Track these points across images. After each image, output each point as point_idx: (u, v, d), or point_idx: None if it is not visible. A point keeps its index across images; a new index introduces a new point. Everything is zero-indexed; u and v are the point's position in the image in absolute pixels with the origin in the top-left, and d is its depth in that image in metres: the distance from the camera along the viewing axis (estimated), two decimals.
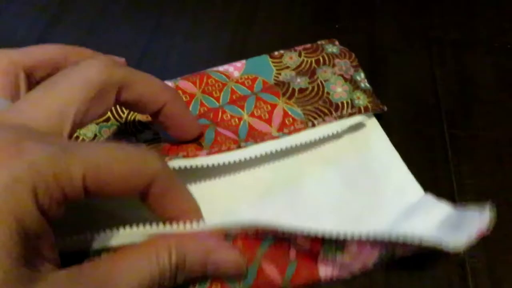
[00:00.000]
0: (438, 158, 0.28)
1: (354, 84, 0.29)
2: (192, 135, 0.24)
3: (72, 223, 0.18)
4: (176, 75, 0.29)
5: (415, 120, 0.30)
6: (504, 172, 0.27)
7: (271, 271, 0.21)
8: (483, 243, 0.21)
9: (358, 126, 0.28)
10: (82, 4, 0.38)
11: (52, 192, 0.15)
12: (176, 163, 0.23)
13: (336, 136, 0.27)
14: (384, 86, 0.31)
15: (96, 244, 0.18)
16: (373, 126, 0.28)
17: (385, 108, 0.28)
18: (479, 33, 0.35)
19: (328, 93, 0.28)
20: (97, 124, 0.27)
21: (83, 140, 0.26)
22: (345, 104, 0.27)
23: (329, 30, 0.34)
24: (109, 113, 0.27)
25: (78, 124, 0.18)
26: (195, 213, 0.20)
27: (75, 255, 0.18)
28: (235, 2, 0.37)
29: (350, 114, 0.27)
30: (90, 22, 0.36)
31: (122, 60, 0.26)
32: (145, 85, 0.21)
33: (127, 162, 0.17)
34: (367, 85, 0.29)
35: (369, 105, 0.28)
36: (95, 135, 0.26)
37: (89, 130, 0.26)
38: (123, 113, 0.27)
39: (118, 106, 0.27)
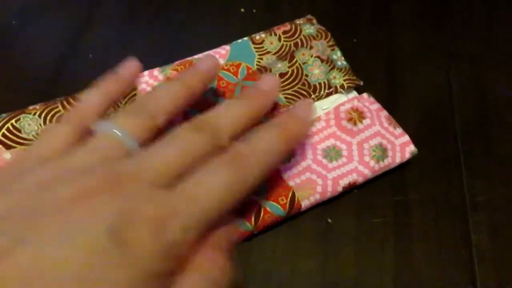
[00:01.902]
0: (452, 172, 0.29)
1: (330, 64, 0.31)
2: None
3: None
4: None
5: (430, 133, 0.31)
6: None
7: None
8: (493, 265, 0.23)
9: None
10: (110, 14, 0.38)
11: None
12: None
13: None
14: (401, 98, 0.32)
15: None
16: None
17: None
18: (497, 47, 0.36)
19: (306, 75, 0.30)
20: None
21: None
22: (322, 85, 0.30)
23: (348, 43, 0.35)
24: None
25: None
26: None
27: None
28: (257, 14, 0.38)
29: (328, 94, 0.30)
30: (119, 30, 0.37)
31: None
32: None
33: None
34: (344, 62, 0.31)
35: (345, 83, 0.30)
36: None
37: None
38: (120, 103, 0.29)
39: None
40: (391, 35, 0.36)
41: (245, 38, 0.32)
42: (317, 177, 0.27)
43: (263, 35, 0.32)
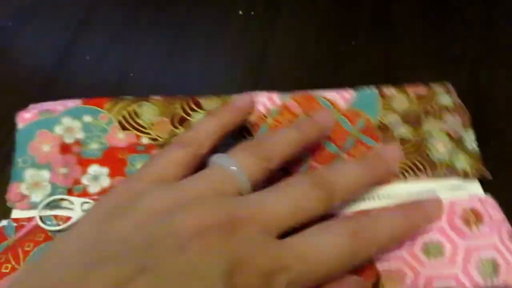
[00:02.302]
0: None
1: (459, 144, 0.28)
2: None
3: None
4: (195, 87, 0.32)
5: None
6: None
7: None
8: None
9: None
10: (107, 15, 0.39)
11: None
12: None
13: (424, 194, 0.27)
14: None
15: None
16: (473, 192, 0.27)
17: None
18: (496, 48, 0.35)
19: (429, 149, 0.28)
20: None
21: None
22: (444, 164, 0.27)
23: (346, 46, 0.36)
24: None
25: None
26: None
27: None
28: (256, 16, 0.38)
29: (447, 176, 0.27)
30: (117, 31, 0.37)
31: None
32: None
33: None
34: (475, 147, 0.28)
35: (470, 170, 0.27)
36: None
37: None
38: None
39: None
40: (390, 36, 0.36)
41: (374, 88, 0.30)
42: (409, 269, 0.24)
43: (394, 91, 0.30)
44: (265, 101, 0.30)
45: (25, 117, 0.28)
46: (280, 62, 0.35)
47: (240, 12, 0.38)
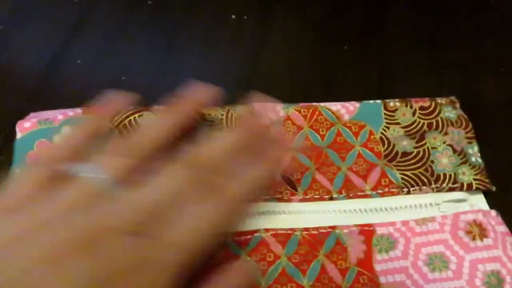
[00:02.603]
0: None
1: (463, 157, 0.28)
2: None
3: None
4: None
5: None
6: None
7: (332, 270, 0.24)
8: None
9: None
10: (100, 20, 0.38)
11: None
12: (271, 207, 0.26)
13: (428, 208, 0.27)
14: None
15: None
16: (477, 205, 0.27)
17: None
18: (486, 56, 0.36)
19: (432, 161, 0.28)
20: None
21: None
22: (447, 177, 0.27)
23: (338, 50, 0.36)
24: (223, 122, 0.29)
25: None
26: None
27: None
28: (249, 21, 0.38)
29: (450, 189, 0.27)
30: (109, 36, 0.37)
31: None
32: None
33: None
34: (479, 159, 0.28)
35: (474, 183, 0.27)
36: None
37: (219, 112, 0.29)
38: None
39: (234, 118, 0.29)
40: (381, 45, 0.37)
41: (378, 101, 0.30)
42: (412, 284, 0.24)
43: (397, 103, 0.30)
44: (269, 112, 0.30)
45: (24, 127, 0.28)
46: (273, 66, 0.35)
47: (233, 17, 0.39)
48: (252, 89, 0.34)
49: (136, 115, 0.28)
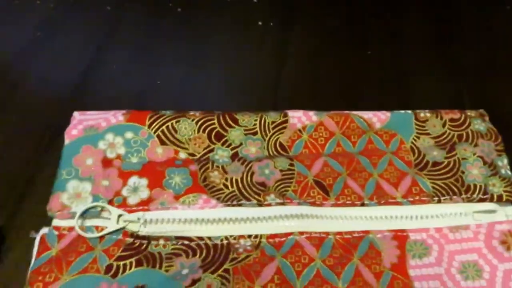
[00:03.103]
0: None
1: (493, 169, 0.28)
2: None
3: None
4: (216, 99, 0.35)
5: None
6: None
7: (367, 274, 0.24)
8: None
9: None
10: (131, 28, 0.40)
11: None
12: (304, 210, 0.26)
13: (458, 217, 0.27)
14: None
15: None
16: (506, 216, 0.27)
17: None
18: (502, 59, 0.38)
19: (462, 172, 0.28)
20: (245, 134, 0.30)
21: (229, 145, 0.29)
22: (478, 188, 0.28)
23: (359, 56, 0.39)
24: (257, 127, 0.30)
25: None
26: None
27: None
28: (272, 29, 0.40)
29: (481, 200, 0.27)
30: (141, 42, 0.39)
31: None
32: None
33: None
34: (508, 172, 0.28)
35: (504, 194, 0.27)
36: (241, 144, 0.29)
37: (237, 138, 0.30)
38: (269, 131, 0.30)
39: (267, 123, 0.30)
40: (399, 50, 0.39)
41: (409, 111, 0.31)
42: None
43: (428, 114, 0.31)
44: (300, 116, 0.30)
45: (72, 134, 0.28)
46: (298, 73, 0.37)
47: (260, 23, 0.40)
48: (278, 96, 0.36)
49: (174, 121, 0.29)
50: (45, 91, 0.35)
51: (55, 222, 0.25)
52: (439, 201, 0.27)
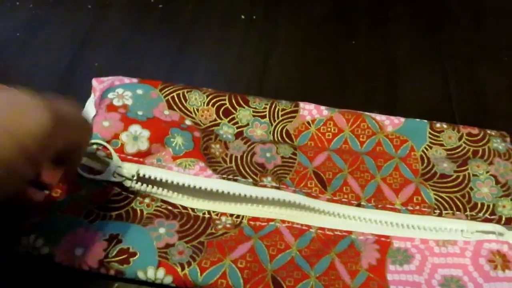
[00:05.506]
0: None
1: (506, 190, 0.26)
2: None
3: None
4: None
5: None
6: None
7: (342, 270, 0.24)
8: None
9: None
10: (113, 24, 0.39)
11: None
12: (298, 199, 0.26)
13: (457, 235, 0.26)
14: (400, 98, 0.34)
15: None
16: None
17: None
18: (487, 45, 0.38)
19: (471, 188, 0.27)
20: (253, 115, 0.29)
21: (236, 123, 0.29)
22: (485, 207, 0.26)
23: (346, 45, 0.38)
24: (266, 111, 0.30)
25: None
26: None
27: None
28: (256, 22, 0.39)
29: (486, 220, 0.25)
30: (123, 39, 0.38)
31: None
32: None
33: None
34: None
35: None
36: (247, 124, 0.29)
37: (245, 117, 0.29)
38: (278, 117, 0.30)
39: (277, 109, 0.30)
40: (386, 39, 0.38)
41: (425, 120, 0.30)
42: None
43: (444, 126, 0.30)
44: (312, 109, 0.30)
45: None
46: (284, 65, 0.37)
47: (243, 17, 0.40)
48: (264, 89, 0.35)
49: (185, 90, 0.30)
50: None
51: None
52: (440, 215, 0.26)
